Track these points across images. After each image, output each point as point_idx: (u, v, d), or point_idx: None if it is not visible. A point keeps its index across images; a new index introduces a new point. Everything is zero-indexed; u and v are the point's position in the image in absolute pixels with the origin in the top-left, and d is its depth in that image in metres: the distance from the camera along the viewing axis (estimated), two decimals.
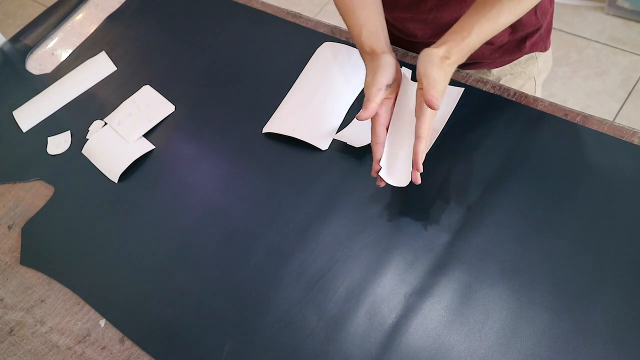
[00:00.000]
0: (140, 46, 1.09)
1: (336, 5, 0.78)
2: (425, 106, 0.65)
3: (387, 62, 0.69)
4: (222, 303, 0.72)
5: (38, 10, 1.72)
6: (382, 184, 0.70)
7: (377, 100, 0.68)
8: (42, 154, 0.97)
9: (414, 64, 0.88)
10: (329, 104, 0.87)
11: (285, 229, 0.76)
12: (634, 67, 1.84)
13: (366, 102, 0.68)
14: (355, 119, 0.81)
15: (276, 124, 0.87)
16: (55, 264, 0.83)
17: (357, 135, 0.81)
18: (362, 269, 0.70)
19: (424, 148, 0.66)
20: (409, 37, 0.90)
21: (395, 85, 0.71)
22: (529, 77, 0.94)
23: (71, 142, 0.97)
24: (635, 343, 0.59)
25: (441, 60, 0.66)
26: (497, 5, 0.66)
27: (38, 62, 1.14)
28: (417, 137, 0.66)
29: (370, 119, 0.70)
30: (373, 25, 0.73)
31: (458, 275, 0.67)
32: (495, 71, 0.92)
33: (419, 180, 0.67)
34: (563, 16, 2.02)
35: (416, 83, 0.72)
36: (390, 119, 0.71)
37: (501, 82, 0.93)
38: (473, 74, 0.85)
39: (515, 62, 0.91)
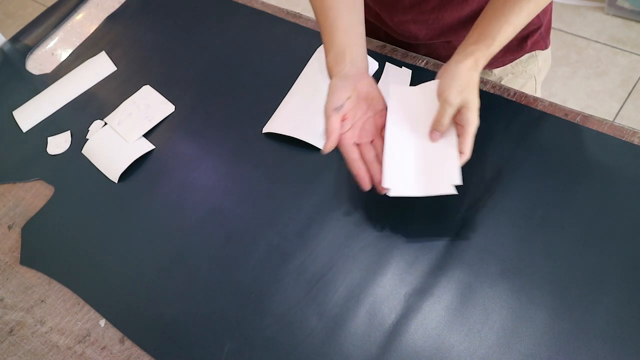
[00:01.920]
0: (140, 46, 1.09)
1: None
2: (466, 124, 0.65)
3: (336, 84, 0.68)
4: (222, 303, 0.72)
5: (38, 10, 1.72)
6: (384, 192, 0.68)
7: (335, 122, 0.66)
8: (42, 154, 0.97)
9: (414, 63, 0.88)
10: None
11: (285, 229, 0.76)
12: (634, 67, 1.84)
13: (326, 130, 0.66)
14: None
15: (276, 124, 0.87)
16: (55, 264, 0.83)
17: None
18: (362, 269, 0.70)
19: (463, 163, 0.66)
20: (410, 40, 0.90)
21: (355, 97, 0.68)
22: (529, 76, 0.94)
23: (71, 142, 0.97)
24: (635, 343, 0.59)
25: (469, 73, 0.65)
26: (517, 8, 0.65)
27: (38, 62, 1.14)
28: (461, 153, 0.66)
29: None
30: (340, 45, 0.70)
31: (458, 275, 0.67)
32: (497, 71, 0.92)
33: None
34: (563, 16, 2.02)
35: (415, 88, 0.72)
36: (382, 128, 0.70)
37: (502, 81, 0.93)
38: None
39: (516, 61, 0.91)
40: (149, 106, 0.97)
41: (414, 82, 0.85)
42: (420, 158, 0.68)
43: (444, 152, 0.67)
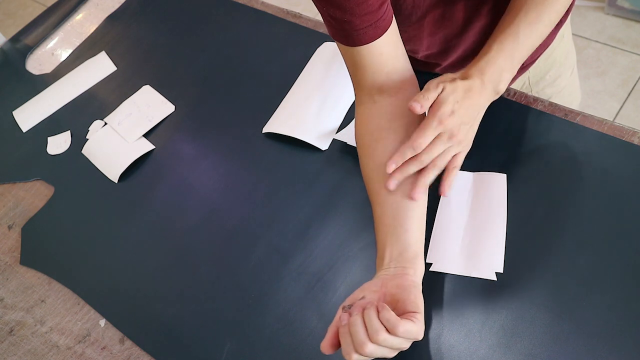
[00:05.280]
0: (140, 46, 1.09)
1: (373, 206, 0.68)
2: (434, 105, 0.62)
3: (368, 282, 0.62)
4: (222, 303, 0.72)
5: (38, 10, 1.73)
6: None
7: (338, 318, 0.60)
8: (42, 154, 0.97)
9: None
10: (329, 103, 0.86)
11: (285, 229, 0.76)
12: (634, 67, 1.84)
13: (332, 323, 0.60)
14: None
15: (276, 124, 0.87)
16: (55, 264, 0.83)
17: None
18: (362, 269, 0.70)
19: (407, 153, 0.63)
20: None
21: (372, 297, 0.60)
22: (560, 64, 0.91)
23: (71, 142, 0.97)
24: (636, 343, 0.59)
25: (457, 81, 0.63)
26: (515, 21, 0.64)
27: (38, 62, 1.14)
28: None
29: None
30: (412, 245, 0.63)
31: (458, 275, 0.67)
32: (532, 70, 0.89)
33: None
34: None
35: (472, 174, 0.73)
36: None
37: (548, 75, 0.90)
38: None
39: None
40: (149, 106, 0.97)
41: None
42: (467, 239, 0.69)
43: (491, 238, 0.68)
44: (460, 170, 0.75)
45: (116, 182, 0.89)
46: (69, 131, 0.99)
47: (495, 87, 0.65)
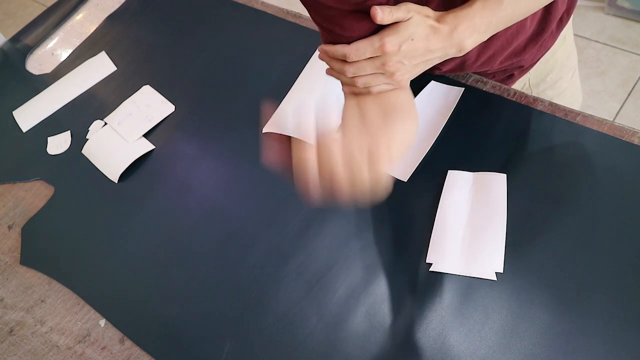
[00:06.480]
0: (140, 46, 1.09)
1: None
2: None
3: None
4: (222, 303, 0.72)
5: (38, 10, 1.73)
6: None
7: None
8: (42, 154, 0.97)
9: None
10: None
11: (285, 229, 0.76)
12: (634, 67, 1.84)
13: None
14: None
15: (276, 124, 0.87)
16: (55, 264, 0.83)
17: None
18: (362, 269, 0.70)
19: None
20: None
21: None
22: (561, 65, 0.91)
23: (71, 142, 0.97)
24: (635, 343, 0.59)
25: (428, 20, 0.61)
26: None
27: (38, 62, 1.14)
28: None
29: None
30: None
31: (458, 275, 0.67)
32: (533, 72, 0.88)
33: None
34: None
35: (472, 174, 0.73)
36: None
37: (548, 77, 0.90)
38: (474, 76, 0.84)
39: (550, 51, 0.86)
40: (149, 106, 0.97)
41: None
42: (467, 239, 0.69)
43: (491, 238, 0.68)
44: (460, 170, 0.75)
45: (116, 182, 0.89)
46: (69, 131, 0.99)
47: (461, 42, 0.62)
